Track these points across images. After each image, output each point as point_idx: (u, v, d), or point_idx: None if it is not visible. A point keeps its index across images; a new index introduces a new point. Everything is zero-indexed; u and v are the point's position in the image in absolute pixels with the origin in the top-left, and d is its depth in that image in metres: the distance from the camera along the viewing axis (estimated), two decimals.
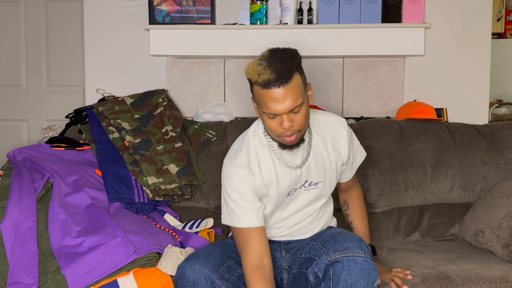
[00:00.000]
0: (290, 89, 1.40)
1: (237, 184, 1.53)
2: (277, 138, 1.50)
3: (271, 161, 1.57)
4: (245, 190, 1.53)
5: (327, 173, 1.64)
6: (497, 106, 3.52)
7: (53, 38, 2.97)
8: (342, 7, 2.35)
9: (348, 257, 1.39)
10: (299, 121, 1.45)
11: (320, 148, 1.62)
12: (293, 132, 1.46)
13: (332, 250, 1.42)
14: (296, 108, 1.43)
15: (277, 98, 1.40)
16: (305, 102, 1.46)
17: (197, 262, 1.45)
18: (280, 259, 1.66)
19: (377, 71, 2.49)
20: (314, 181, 1.62)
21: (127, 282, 1.61)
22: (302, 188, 1.62)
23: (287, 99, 1.40)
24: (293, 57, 1.45)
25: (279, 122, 1.44)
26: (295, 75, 1.42)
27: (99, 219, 1.77)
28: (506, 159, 2.13)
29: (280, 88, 1.39)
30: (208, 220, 2.03)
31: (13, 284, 1.58)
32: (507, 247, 1.77)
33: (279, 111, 1.42)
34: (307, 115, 1.49)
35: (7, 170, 1.96)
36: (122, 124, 2.16)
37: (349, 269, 1.38)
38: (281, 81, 1.39)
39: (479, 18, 2.45)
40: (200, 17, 2.44)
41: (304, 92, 1.45)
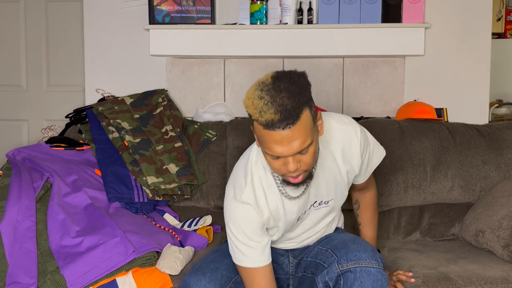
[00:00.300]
0: (297, 130, 1.19)
1: (242, 224, 1.38)
2: (281, 176, 1.33)
3: (277, 190, 1.42)
4: (252, 230, 1.39)
5: (338, 189, 1.51)
6: (497, 106, 3.51)
7: (53, 38, 2.97)
8: (342, 7, 2.34)
9: (362, 267, 1.33)
10: (306, 161, 1.26)
11: (330, 165, 1.46)
12: (299, 173, 1.28)
13: (345, 259, 1.36)
14: (304, 150, 1.24)
15: (282, 140, 1.20)
16: (314, 140, 1.26)
17: (203, 277, 1.38)
18: (288, 265, 1.62)
19: (377, 71, 2.49)
20: (324, 200, 1.50)
21: (126, 281, 1.61)
22: (312, 208, 1.50)
23: (294, 141, 1.20)
24: (302, 89, 1.22)
25: (284, 162, 1.26)
26: (304, 112, 1.20)
27: (98, 219, 1.77)
28: (506, 159, 2.12)
29: (285, 130, 1.18)
30: (206, 218, 2.04)
31: (12, 284, 1.58)
32: (507, 247, 1.77)
33: (284, 154, 1.22)
34: (316, 152, 1.29)
35: (6, 170, 1.96)
36: (122, 124, 2.16)
37: (362, 280, 1.32)
38: (287, 122, 1.18)
39: (479, 18, 2.45)
40: (200, 17, 2.44)
41: (313, 128, 1.24)
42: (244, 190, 1.39)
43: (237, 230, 1.39)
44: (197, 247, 1.86)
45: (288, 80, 1.22)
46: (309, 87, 1.25)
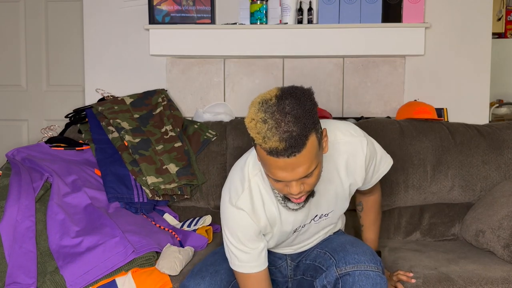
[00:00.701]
0: (302, 157, 1.14)
1: (237, 230, 1.35)
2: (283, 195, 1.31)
3: (274, 198, 1.38)
4: (247, 237, 1.36)
5: (338, 201, 1.48)
6: (498, 106, 3.51)
7: (53, 38, 2.97)
8: (342, 6, 2.34)
9: (360, 271, 1.32)
10: (310, 183, 1.22)
11: (331, 177, 1.41)
12: (302, 194, 1.24)
13: (343, 263, 1.34)
14: (309, 174, 1.19)
15: (286, 167, 1.15)
16: (320, 162, 1.21)
17: (203, 282, 1.37)
18: (286, 269, 1.61)
19: (377, 71, 2.49)
20: (324, 213, 1.47)
21: (126, 282, 1.61)
22: (312, 222, 1.47)
23: (299, 167, 1.15)
24: (309, 111, 1.14)
25: (286, 185, 1.21)
26: (310, 138, 1.14)
27: (98, 219, 1.77)
28: (506, 159, 2.12)
29: (290, 158, 1.13)
30: (206, 218, 2.03)
31: (12, 284, 1.58)
32: (508, 247, 1.76)
33: (287, 179, 1.18)
34: (320, 173, 1.24)
35: (6, 170, 1.96)
36: (122, 123, 2.15)
37: (361, 283, 1.31)
38: (292, 150, 1.12)
39: (480, 18, 2.44)
40: (200, 16, 2.44)
41: (318, 152, 1.19)
42: (240, 196, 1.35)
43: (232, 236, 1.37)
44: (197, 247, 1.85)
45: (294, 100, 1.14)
46: (315, 108, 1.17)
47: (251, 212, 1.35)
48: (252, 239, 1.37)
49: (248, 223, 1.35)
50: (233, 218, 1.35)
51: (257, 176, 1.36)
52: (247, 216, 1.34)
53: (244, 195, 1.35)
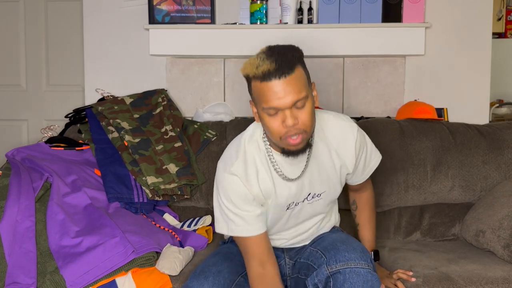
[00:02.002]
0: (292, 80, 1.26)
1: (231, 193, 1.41)
2: (280, 142, 1.34)
3: (268, 170, 1.44)
4: (241, 199, 1.41)
5: (330, 182, 1.52)
6: (498, 106, 3.51)
7: (53, 38, 2.97)
8: (342, 6, 2.34)
9: (351, 268, 1.33)
10: (303, 118, 1.29)
11: (324, 155, 1.48)
12: (298, 132, 1.30)
13: (334, 261, 1.35)
14: (300, 102, 1.28)
15: (278, 91, 1.25)
16: (310, 98, 1.31)
17: (206, 282, 1.37)
18: (284, 267, 1.62)
19: (377, 71, 2.49)
20: (317, 193, 1.51)
21: (126, 282, 1.61)
22: (305, 201, 1.51)
23: (290, 92, 1.25)
24: (295, 50, 1.32)
25: (282, 119, 1.28)
26: (298, 67, 1.29)
27: (98, 219, 1.77)
28: (506, 159, 2.12)
29: (281, 80, 1.25)
30: (206, 218, 2.03)
31: (12, 284, 1.57)
32: (508, 247, 1.76)
33: (281, 106, 1.26)
34: (313, 113, 1.32)
35: (6, 170, 1.96)
36: (122, 123, 2.15)
37: (352, 281, 1.31)
38: (282, 71, 1.25)
39: (480, 17, 2.44)
40: (200, 16, 2.44)
41: (308, 86, 1.31)
42: (234, 163, 1.42)
43: (227, 200, 1.42)
44: (197, 247, 1.85)
45: (282, 46, 1.33)
46: (301, 53, 1.35)
47: (244, 179, 1.41)
48: (246, 202, 1.42)
49: (241, 187, 1.41)
50: (227, 183, 1.42)
51: (253, 147, 1.44)
52: (239, 181, 1.41)
53: (238, 162, 1.42)
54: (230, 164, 1.43)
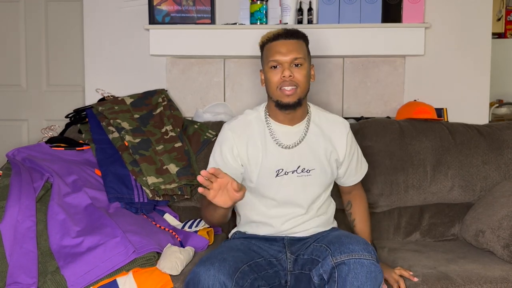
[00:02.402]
0: (295, 44, 1.60)
1: (222, 142, 1.69)
2: (276, 93, 1.61)
3: (263, 135, 1.67)
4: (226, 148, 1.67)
5: (320, 163, 1.68)
6: (498, 106, 3.52)
7: (53, 38, 2.97)
8: (342, 7, 2.34)
9: (355, 259, 1.38)
10: (298, 76, 1.59)
11: (317, 137, 1.69)
12: (291, 84, 1.58)
13: (338, 252, 1.41)
14: (298, 60, 1.59)
15: (282, 48, 1.59)
16: (307, 66, 1.62)
17: (212, 267, 1.41)
18: (285, 261, 1.64)
19: (377, 71, 2.49)
20: (307, 168, 1.67)
21: (127, 282, 1.61)
22: (295, 173, 1.66)
23: (292, 51, 1.58)
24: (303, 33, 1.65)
25: (281, 72, 1.59)
26: (302, 41, 1.62)
27: (98, 219, 1.77)
28: (506, 159, 2.13)
29: (286, 40, 1.60)
30: None
31: (13, 284, 1.58)
32: (508, 247, 1.77)
33: (282, 60, 1.58)
34: (307, 78, 1.62)
35: (6, 170, 1.96)
36: (122, 124, 2.16)
37: (356, 271, 1.36)
38: (289, 35, 1.60)
39: (479, 18, 2.45)
40: (200, 17, 2.44)
41: (307, 57, 1.63)
42: (232, 122, 1.72)
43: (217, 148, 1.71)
44: (198, 248, 1.85)
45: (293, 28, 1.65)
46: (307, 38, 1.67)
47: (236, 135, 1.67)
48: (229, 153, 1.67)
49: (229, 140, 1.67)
50: (222, 135, 1.71)
51: (253, 115, 1.71)
52: (231, 134, 1.68)
53: (236, 122, 1.71)
54: (230, 122, 1.72)
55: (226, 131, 1.70)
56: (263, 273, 1.55)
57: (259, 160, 1.66)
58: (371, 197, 2.13)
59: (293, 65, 1.59)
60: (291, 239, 1.69)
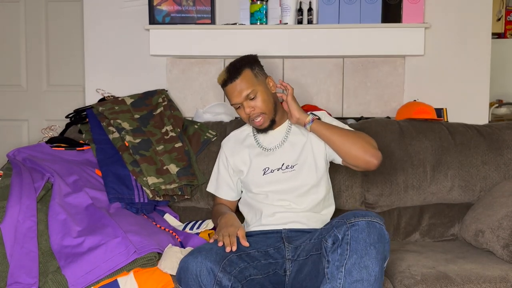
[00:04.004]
0: (240, 82, 1.76)
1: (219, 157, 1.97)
2: (251, 124, 1.83)
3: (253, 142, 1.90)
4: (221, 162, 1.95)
5: (303, 157, 1.82)
6: (497, 106, 3.52)
7: (53, 38, 2.97)
8: (342, 7, 2.35)
9: (368, 221, 1.42)
10: (258, 105, 1.77)
11: (298, 135, 1.85)
12: (256, 115, 1.78)
13: (352, 216, 1.44)
14: (251, 94, 1.75)
15: (233, 92, 1.77)
16: (261, 90, 1.77)
17: (200, 255, 1.48)
18: (283, 250, 1.68)
19: (377, 71, 2.49)
20: (290, 164, 1.82)
21: (128, 282, 1.61)
22: (280, 171, 1.82)
23: (240, 91, 1.75)
24: (245, 59, 1.81)
25: (243, 110, 1.78)
26: (245, 71, 1.77)
27: (99, 219, 1.77)
28: (506, 159, 2.13)
29: (233, 83, 1.76)
30: (208, 222, 2.03)
31: (13, 284, 1.58)
32: (507, 247, 1.77)
33: (237, 101, 1.77)
34: (267, 100, 1.78)
35: (7, 170, 1.96)
36: (122, 124, 2.16)
37: (369, 230, 1.40)
38: (231, 77, 1.76)
39: (479, 18, 2.45)
40: (200, 17, 2.44)
41: (256, 82, 1.78)
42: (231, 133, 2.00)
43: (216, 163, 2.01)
44: None
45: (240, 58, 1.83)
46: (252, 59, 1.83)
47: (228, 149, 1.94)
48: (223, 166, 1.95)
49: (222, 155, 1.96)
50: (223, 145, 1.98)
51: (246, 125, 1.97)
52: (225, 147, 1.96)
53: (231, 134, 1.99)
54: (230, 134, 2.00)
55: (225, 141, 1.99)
56: (255, 263, 1.60)
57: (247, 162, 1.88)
58: (371, 197, 2.13)
59: (248, 100, 1.76)
60: (289, 230, 1.75)
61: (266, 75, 1.85)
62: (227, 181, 1.95)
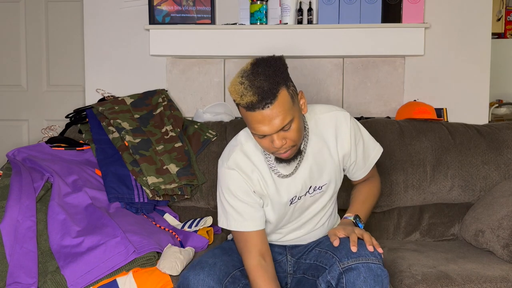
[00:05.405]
0: (276, 108, 1.30)
1: (230, 185, 1.48)
2: (273, 154, 1.44)
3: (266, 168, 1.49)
4: (241, 191, 1.47)
5: (331, 174, 1.56)
6: (497, 106, 3.52)
7: (53, 38, 2.97)
8: (342, 7, 2.35)
9: (362, 263, 1.34)
10: (291, 137, 1.36)
11: (321, 149, 1.53)
12: (287, 149, 1.39)
13: (345, 257, 1.37)
14: (286, 126, 1.34)
15: (263, 120, 1.31)
16: (296, 117, 1.36)
17: (202, 272, 1.40)
18: (286, 264, 1.64)
19: (377, 71, 2.49)
20: (319, 185, 1.55)
21: (127, 281, 1.61)
22: (307, 195, 1.55)
23: (275, 119, 1.31)
24: (278, 70, 1.33)
25: (270, 140, 1.36)
26: (281, 92, 1.31)
27: (99, 219, 1.77)
28: (506, 159, 2.13)
29: (265, 110, 1.30)
30: (207, 219, 2.04)
31: (13, 284, 1.58)
32: (507, 247, 1.77)
33: (267, 132, 1.33)
34: (300, 128, 1.39)
35: (6, 170, 1.96)
36: (122, 124, 2.16)
37: (365, 275, 1.33)
38: (265, 102, 1.29)
39: (479, 18, 2.45)
40: (200, 17, 2.44)
41: (293, 106, 1.35)
42: (230, 158, 1.49)
43: (227, 194, 1.48)
44: (198, 248, 1.86)
45: (265, 64, 1.33)
46: (285, 68, 1.36)
47: (241, 171, 1.47)
48: (245, 193, 1.47)
49: (240, 179, 1.47)
50: (227, 177, 1.48)
51: (249, 144, 1.50)
52: (237, 174, 1.47)
53: (234, 156, 1.48)
54: (226, 159, 1.50)
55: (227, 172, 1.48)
56: None
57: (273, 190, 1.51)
58: None
59: (281, 131, 1.35)
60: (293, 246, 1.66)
61: (296, 89, 1.41)
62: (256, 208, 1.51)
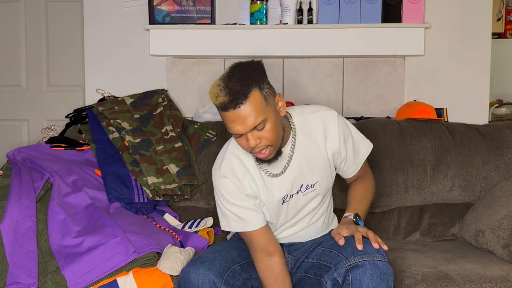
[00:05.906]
0: (247, 108, 1.36)
1: (225, 193, 1.53)
2: (252, 154, 1.49)
3: (257, 169, 1.54)
4: (235, 198, 1.52)
5: (322, 172, 1.58)
6: (497, 106, 3.52)
7: (53, 38, 2.97)
8: (342, 7, 2.35)
9: (369, 261, 1.35)
10: (266, 136, 1.41)
11: (310, 148, 1.56)
12: (262, 148, 1.43)
13: (351, 255, 1.38)
14: (259, 125, 1.39)
15: (236, 119, 1.37)
16: (270, 117, 1.40)
17: (202, 266, 1.42)
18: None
19: (377, 71, 2.49)
20: (311, 183, 1.58)
21: (127, 282, 1.61)
22: (300, 193, 1.58)
23: (247, 118, 1.37)
24: (252, 73, 1.39)
25: (246, 139, 1.41)
26: (253, 92, 1.37)
27: (99, 219, 1.77)
28: (506, 159, 2.13)
29: (236, 110, 1.36)
30: (207, 219, 2.04)
31: (13, 284, 1.58)
32: (507, 247, 1.77)
33: (241, 131, 1.39)
34: (276, 129, 1.42)
35: (6, 170, 1.96)
36: (122, 124, 2.16)
37: (371, 273, 1.34)
38: (236, 102, 1.35)
39: (479, 18, 2.45)
40: (200, 17, 2.44)
41: (266, 107, 1.39)
42: (222, 166, 1.54)
43: (223, 200, 1.54)
44: (198, 249, 1.86)
45: (242, 68, 1.41)
46: (261, 71, 1.42)
47: (234, 178, 1.52)
48: (240, 199, 1.53)
49: (233, 188, 1.52)
50: (220, 185, 1.54)
51: (238, 148, 1.53)
52: (229, 181, 1.52)
53: (224, 164, 1.54)
54: (218, 167, 1.55)
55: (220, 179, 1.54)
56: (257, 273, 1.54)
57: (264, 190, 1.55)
58: None
59: (255, 130, 1.40)
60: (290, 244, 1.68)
61: (275, 92, 1.46)
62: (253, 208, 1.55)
